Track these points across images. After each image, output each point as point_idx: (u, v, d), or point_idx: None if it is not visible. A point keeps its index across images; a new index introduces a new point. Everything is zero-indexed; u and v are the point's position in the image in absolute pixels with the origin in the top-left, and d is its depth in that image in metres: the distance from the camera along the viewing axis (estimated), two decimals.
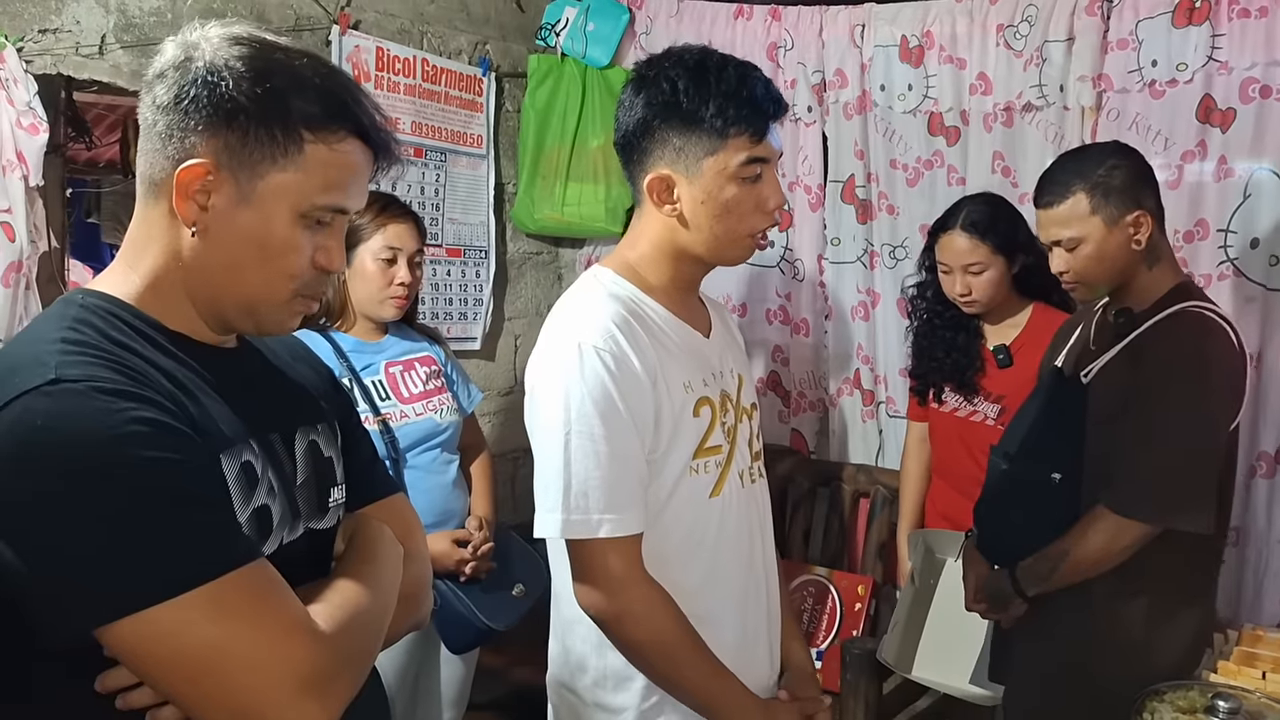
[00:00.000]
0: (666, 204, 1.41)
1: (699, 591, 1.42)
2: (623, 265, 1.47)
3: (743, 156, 1.38)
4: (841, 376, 3.27)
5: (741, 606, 1.51)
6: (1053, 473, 1.86)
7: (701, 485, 1.44)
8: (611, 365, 1.33)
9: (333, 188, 1.01)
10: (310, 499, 1.10)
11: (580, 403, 1.33)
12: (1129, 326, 1.85)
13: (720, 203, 1.39)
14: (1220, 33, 2.54)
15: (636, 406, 1.35)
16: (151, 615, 0.84)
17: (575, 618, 1.44)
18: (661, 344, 1.41)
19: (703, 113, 1.36)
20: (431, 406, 2.28)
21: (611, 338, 1.35)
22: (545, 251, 3.69)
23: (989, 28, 2.85)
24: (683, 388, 1.41)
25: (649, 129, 1.40)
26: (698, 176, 1.39)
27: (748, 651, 1.50)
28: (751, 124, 1.37)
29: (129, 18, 2.37)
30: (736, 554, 1.49)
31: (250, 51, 0.98)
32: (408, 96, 3.04)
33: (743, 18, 3.26)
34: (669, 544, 1.41)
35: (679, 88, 1.38)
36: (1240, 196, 2.55)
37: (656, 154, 1.40)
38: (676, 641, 1.37)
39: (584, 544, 1.35)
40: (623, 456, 1.34)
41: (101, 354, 0.91)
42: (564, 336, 1.37)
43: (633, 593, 1.35)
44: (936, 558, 2.57)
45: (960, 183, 2.94)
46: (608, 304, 1.40)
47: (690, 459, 1.42)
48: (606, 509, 1.33)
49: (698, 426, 1.42)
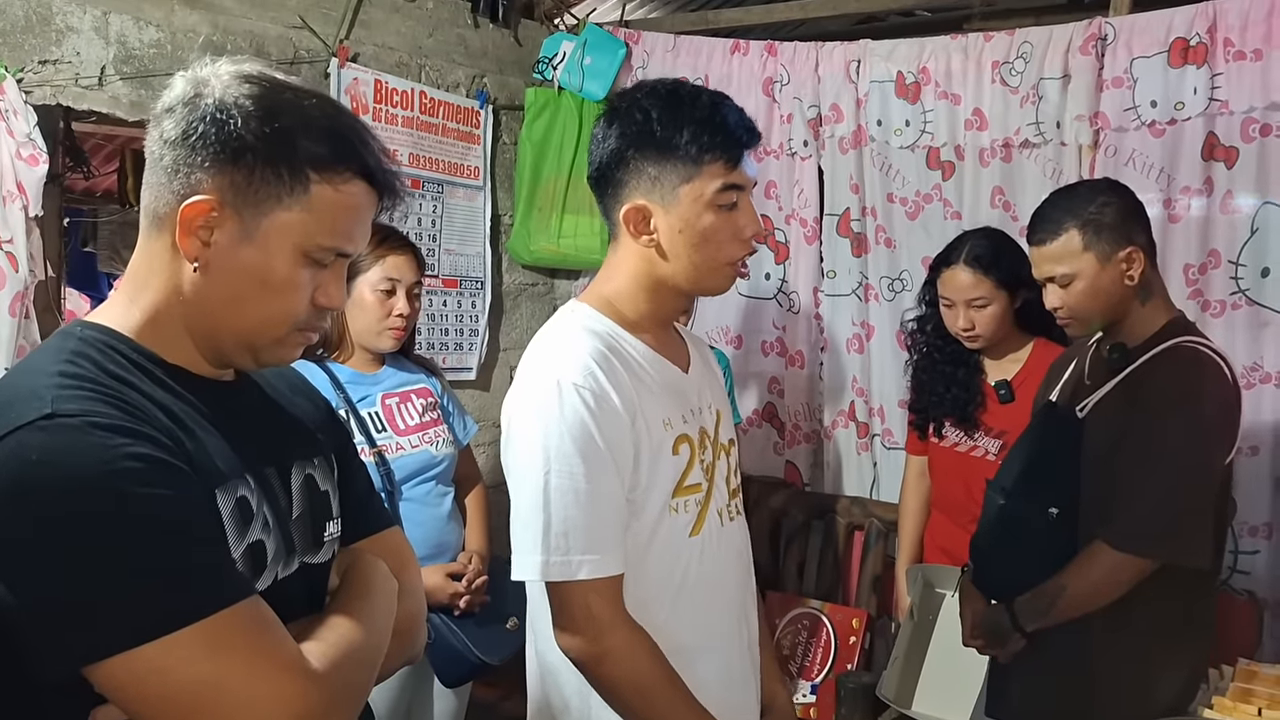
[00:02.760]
0: (644, 234, 1.40)
1: (679, 632, 1.39)
2: (599, 300, 1.45)
3: (718, 183, 1.37)
4: (836, 409, 3.27)
5: (723, 647, 1.48)
6: (1050, 507, 1.85)
7: (681, 525, 1.41)
8: (591, 402, 1.31)
9: (337, 229, 1.01)
10: (305, 534, 1.09)
11: (560, 441, 1.30)
12: (1124, 362, 1.86)
13: (698, 231, 1.38)
14: (1219, 73, 2.58)
15: (616, 444, 1.33)
16: (143, 653, 0.83)
17: (556, 662, 1.40)
18: (640, 380, 1.39)
19: (677, 140, 1.36)
20: (427, 439, 2.27)
21: (591, 374, 1.33)
22: (541, 283, 3.70)
23: (984, 64, 2.89)
24: (662, 425, 1.39)
25: (623, 159, 1.39)
26: (674, 205, 1.38)
27: (729, 692, 1.47)
28: (726, 150, 1.37)
29: (129, 50, 2.39)
30: (716, 593, 1.47)
31: (259, 90, 0.98)
32: (405, 128, 3.06)
33: (739, 53, 3.29)
34: (648, 584, 1.38)
35: (652, 117, 1.37)
36: (1248, 231, 2.59)
37: (632, 184, 1.39)
38: (657, 684, 1.34)
39: (564, 586, 1.32)
40: (603, 496, 1.32)
41: (98, 388, 0.91)
42: (542, 373, 1.35)
43: (614, 635, 1.32)
44: (936, 592, 2.55)
45: (956, 217, 2.96)
46: (586, 340, 1.38)
47: (670, 498, 1.40)
48: (587, 550, 1.30)
49: (676, 464, 1.40)
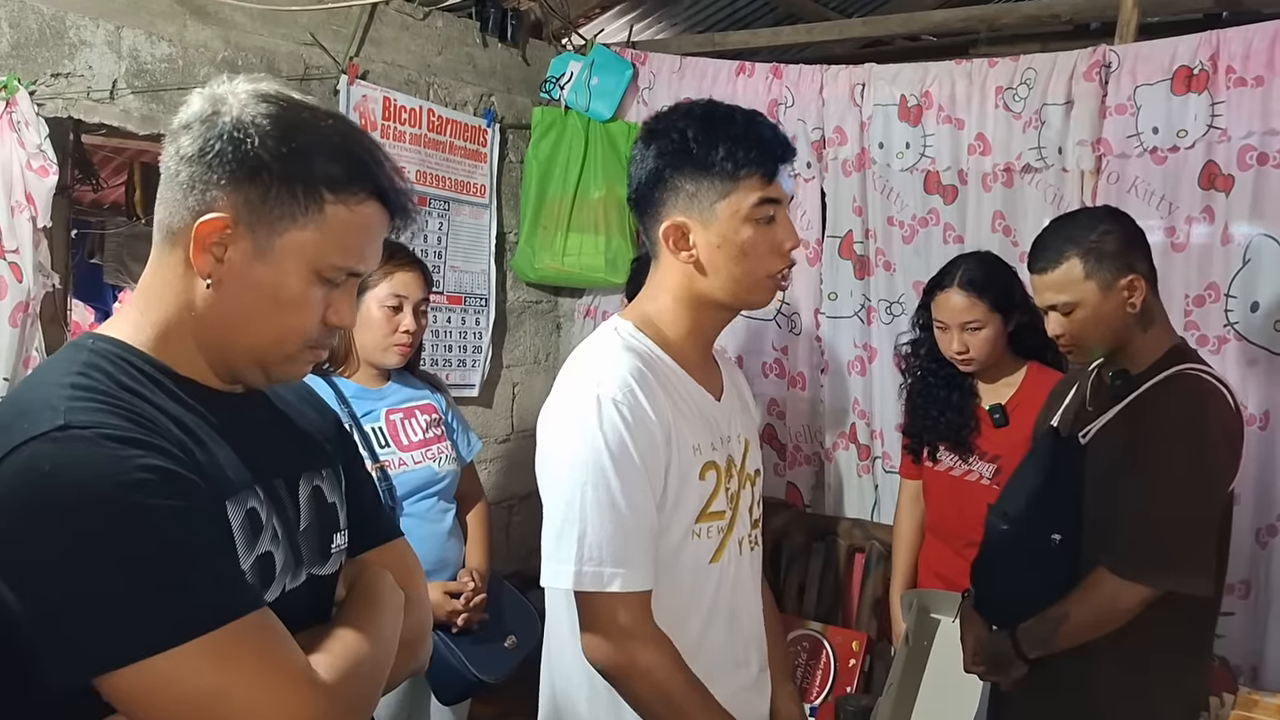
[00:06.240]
0: (683, 251, 1.42)
1: (691, 656, 1.40)
2: (641, 318, 1.47)
3: (755, 197, 1.39)
4: (837, 431, 3.27)
5: (732, 674, 1.49)
6: (1052, 534, 1.85)
7: (703, 550, 1.43)
8: (629, 418, 1.33)
9: (349, 249, 1.02)
10: (313, 545, 1.10)
11: (597, 455, 1.32)
12: (1126, 389, 1.86)
13: (736, 245, 1.40)
14: (1220, 100, 2.58)
15: (651, 461, 1.35)
16: (153, 664, 0.84)
17: (569, 670, 1.43)
18: (674, 402, 1.41)
19: (713, 157, 1.39)
20: (430, 455, 2.28)
21: (630, 391, 1.35)
22: (545, 300, 3.71)
23: (988, 89, 2.90)
24: (692, 450, 1.41)
25: (661, 178, 1.42)
26: (712, 221, 1.40)
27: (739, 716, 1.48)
28: (761, 165, 1.39)
29: (140, 64, 2.40)
30: (730, 621, 1.49)
31: (277, 110, 0.99)
32: (413, 146, 3.08)
33: (744, 74, 3.31)
34: (664, 607, 1.39)
35: (688, 135, 1.40)
36: (1240, 261, 2.58)
37: (670, 202, 1.42)
38: (684, 697, 1.36)
39: (595, 596, 1.34)
40: (637, 510, 1.34)
41: (111, 400, 0.92)
42: (582, 388, 1.37)
43: (643, 648, 1.34)
44: (931, 618, 2.55)
45: (958, 240, 2.97)
46: (625, 357, 1.40)
47: (693, 522, 1.41)
48: (619, 563, 1.32)
49: (702, 490, 1.42)
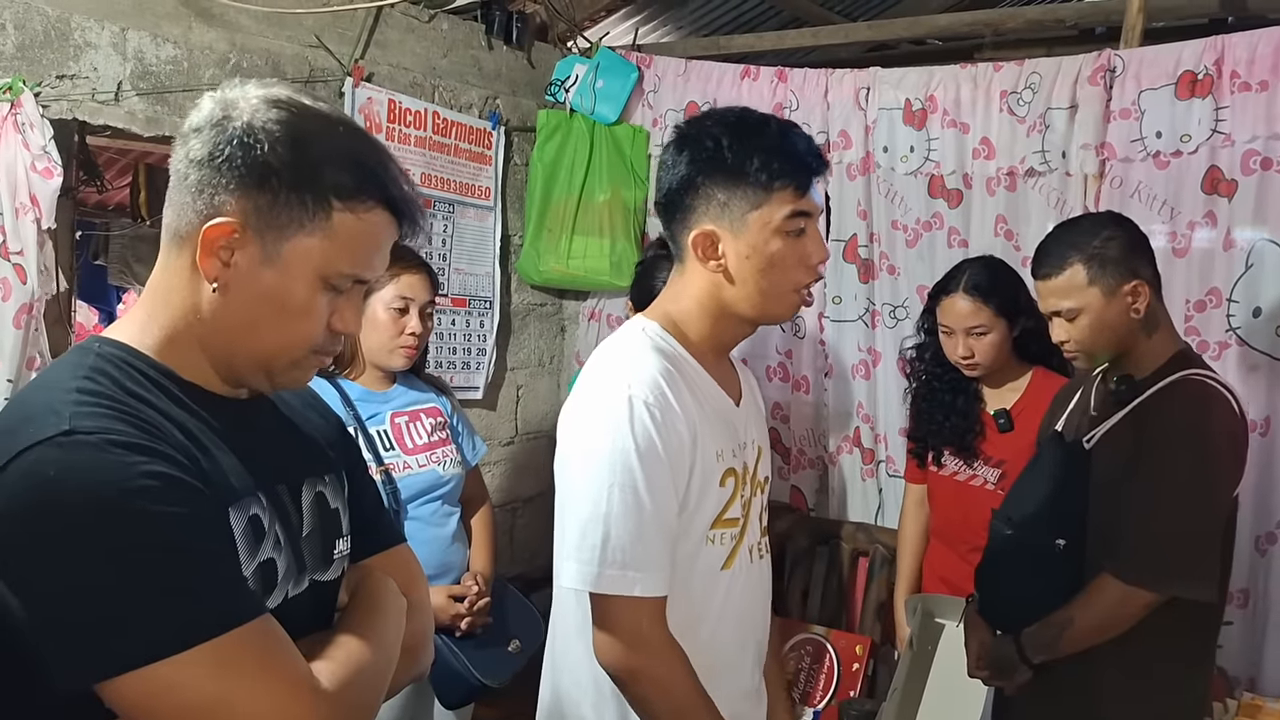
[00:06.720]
0: (711, 260, 1.41)
1: (696, 660, 1.39)
2: (665, 319, 1.46)
3: (787, 210, 1.37)
4: (841, 434, 3.27)
5: (734, 680, 1.49)
6: (1056, 539, 1.85)
7: (715, 556, 1.42)
8: (660, 419, 1.32)
9: (357, 256, 1.02)
10: (315, 551, 1.10)
11: (626, 456, 1.31)
12: (1131, 394, 1.85)
13: (765, 257, 1.38)
14: (1224, 105, 2.57)
15: (677, 464, 1.34)
16: (155, 670, 0.84)
17: (575, 671, 1.42)
18: (700, 405, 1.40)
19: (747, 167, 1.37)
20: (435, 458, 2.27)
21: (661, 392, 1.34)
22: (549, 303, 3.71)
23: (993, 94, 2.90)
24: (715, 456, 1.40)
25: (693, 185, 1.40)
26: (743, 231, 1.38)
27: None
28: (795, 178, 1.38)
29: (145, 66, 2.41)
30: (735, 629, 1.48)
31: (287, 115, 0.99)
32: (418, 148, 3.08)
33: (749, 78, 3.31)
34: (675, 612, 1.37)
35: (723, 144, 1.38)
36: (1243, 266, 2.57)
37: (701, 210, 1.40)
38: (692, 705, 1.35)
39: (613, 599, 1.33)
40: (661, 514, 1.33)
41: (116, 405, 0.92)
42: (613, 387, 1.35)
43: (655, 654, 1.33)
44: (935, 623, 2.54)
45: (962, 245, 2.96)
46: (654, 357, 1.38)
47: (708, 528, 1.40)
48: (641, 567, 1.31)
49: (720, 496, 1.41)
